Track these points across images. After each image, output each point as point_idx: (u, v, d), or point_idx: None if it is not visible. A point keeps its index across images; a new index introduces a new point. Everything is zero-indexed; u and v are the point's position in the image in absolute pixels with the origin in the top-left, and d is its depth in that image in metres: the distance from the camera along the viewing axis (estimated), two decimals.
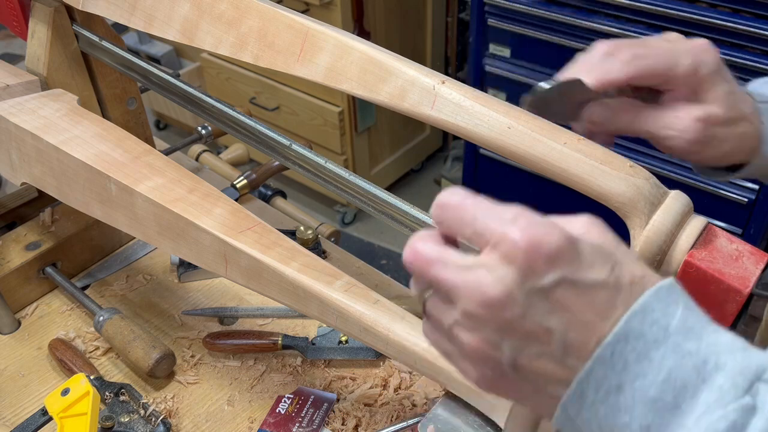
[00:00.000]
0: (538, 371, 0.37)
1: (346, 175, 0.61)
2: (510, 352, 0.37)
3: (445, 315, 0.39)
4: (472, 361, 0.38)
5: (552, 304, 0.36)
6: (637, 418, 0.35)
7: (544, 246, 0.35)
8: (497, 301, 0.35)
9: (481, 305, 0.36)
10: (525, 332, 0.36)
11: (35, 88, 0.81)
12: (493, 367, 0.38)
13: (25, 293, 0.89)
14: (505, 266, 0.35)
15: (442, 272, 0.38)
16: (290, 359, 0.83)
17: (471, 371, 0.39)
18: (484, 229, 0.37)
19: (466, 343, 0.38)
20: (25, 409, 0.77)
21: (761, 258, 0.47)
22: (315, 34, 0.59)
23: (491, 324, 0.36)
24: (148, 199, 0.64)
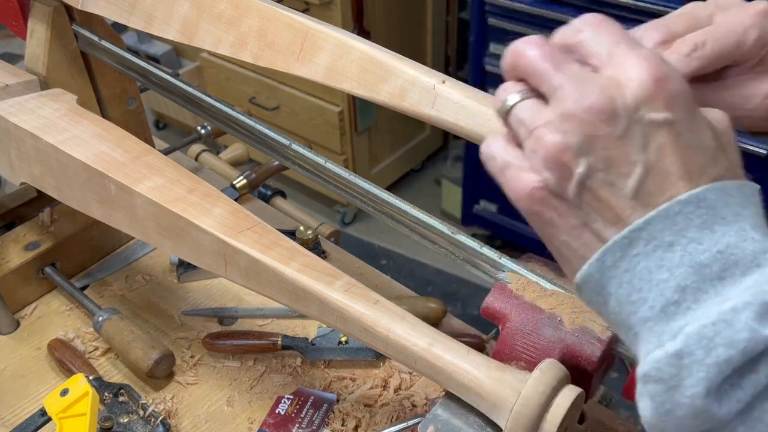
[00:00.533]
0: (599, 201, 0.36)
1: (346, 174, 0.61)
2: (585, 168, 0.35)
3: (534, 116, 0.37)
4: (540, 165, 0.37)
5: (649, 141, 0.35)
6: (676, 278, 0.34)
7: (671, 84, 0.35)
8: (604, 110, 0.35)
9: (586, 109, 0.35)
10: (610, 155, 0.35)
11: (34, 88, 0.80)
12: (559, 178, 0.36)
13: (24, 293, 0.89)
14: (621, 87, 0.35)
15: (555, 71, 0.37)
16: (290, 360, 0.83)
17: (530, 178, 0.37)
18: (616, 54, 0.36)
19: (548, 142, 0.36)
20: (24, 410, 0.77)
21: None
22: (315, 34, 0.58)
23: (585, 131, 0.35)
24: (147, 199, 0.64)
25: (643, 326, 0.36)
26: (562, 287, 0.53)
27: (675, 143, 0.35)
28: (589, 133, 0.35)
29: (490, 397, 0.49)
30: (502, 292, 0.54)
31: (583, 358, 0.50)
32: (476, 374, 0.50)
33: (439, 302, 0.85)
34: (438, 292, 2.12)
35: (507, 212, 2.11)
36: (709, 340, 0.33)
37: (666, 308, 0.35)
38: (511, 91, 0.39)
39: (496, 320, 0.54)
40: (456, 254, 0.58)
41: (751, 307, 0.32)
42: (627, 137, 0.35)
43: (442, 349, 0.52)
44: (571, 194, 0.36)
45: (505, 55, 0.39)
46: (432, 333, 0.53)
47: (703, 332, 0.33)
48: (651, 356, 0.35)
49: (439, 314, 0.85)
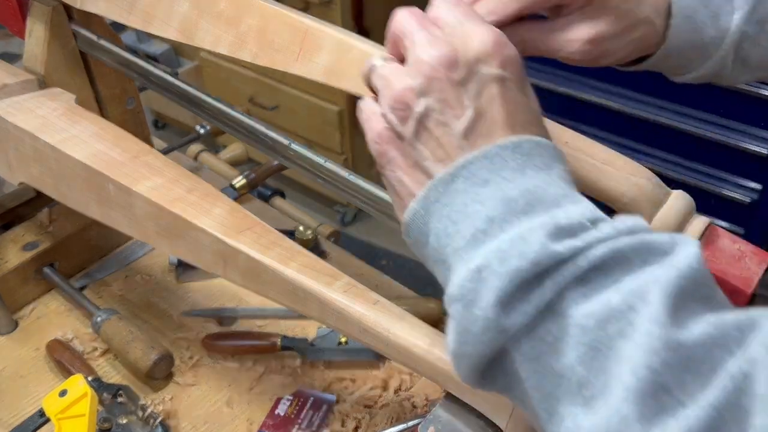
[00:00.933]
0: (433, 139, 0.40)
1: (346, 174, 0.61)
2: (424, 108, 0.40)
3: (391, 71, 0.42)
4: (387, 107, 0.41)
5: (482, 91, 0.40)
6: (487, 209, 0.37)
7: (507, 48, 0.41)
8: (447, 58, 0.40)
9: (432, 56, 0.40)
10: (446, 98, 0.40)
11: (33, 88, 0.80)
12: (400, 118, 0.41)
13: (22, 294, 0.89)
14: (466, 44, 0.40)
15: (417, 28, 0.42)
16: (289, 360, 0.82)
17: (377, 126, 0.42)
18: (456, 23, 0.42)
19: (395, 84, 0.41)
20: (23, 411, 0.77)
21: (764, 258, 0.46)
22: (314, 33, 0.58)
23: (427, 74, 0.40)
24: (146, 199, 0.64)
25: (454, 256, 0.38)
26: None
27: (504, 97, 0.40)
28: (430, 76, 0.40)
29: (490, 397, 0.49)
30: None
31: None
32: None
33: (439, 302, 0.85)
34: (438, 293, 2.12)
35: None
36: (504, 252, 0.36)
37: (475, 236, 0.37)
38: (377, 55, 0.45)
39: None
40: None
41: (544, 227, 0.36)
42: (463, 85, 0.40)
43: (443, 350, 0.51)
44: (409, 132, 0.41)
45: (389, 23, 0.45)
46: (432, 333, 0.53)
47: (501, 246, 0.36)
48: (455, 278, 0.37)
49: (439, 315, 0.84)
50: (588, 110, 1.72)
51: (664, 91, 1.62)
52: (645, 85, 1.63)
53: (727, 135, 1.56)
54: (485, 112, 0.39)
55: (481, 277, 0.36)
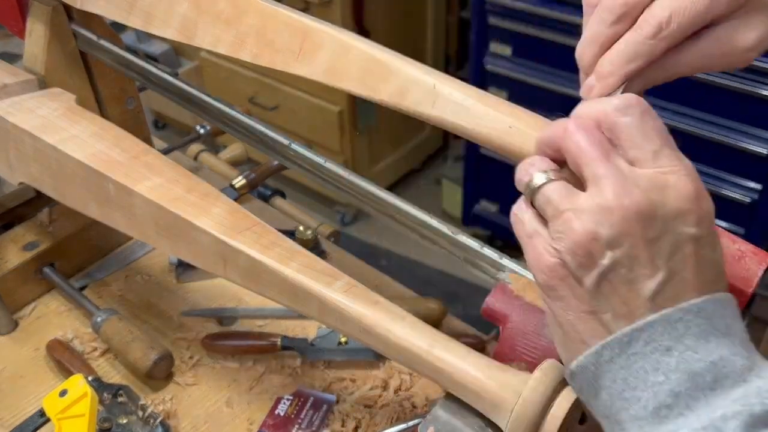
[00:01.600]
0: (615, 294, 0.37)
1: (346, 174, 0.61)
2: (610, 262, 0.37)
3: (563, 199, 0.38)
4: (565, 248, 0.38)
5: (674, 250, 0.37)
6: (671, 382, 0.36)
7: (705, 203, 0.38)
8: (643, 213, 0.36)
9: (625, 206, 0.36)
10: (637, 255, 0.36)
11: (33, 88, 0.80)
12: (581, 265, 0.37)
13: (22, 293, 0.89)
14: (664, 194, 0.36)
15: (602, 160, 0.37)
16: (289, 360, 0.82)
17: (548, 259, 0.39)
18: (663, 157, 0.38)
19: (578, 229, 0.37)
20: (23, 411, 0.77)
21: (764, 258, 0.46)
22: (314, 33, 0.58)
23: (619, 227, 0.36)
24: (146, 198, 0.64)
25: (632, 424, 0.37)
26: None
27: (697, 257, 0.37)
28: (622, 231, 0.36)
29: (490, 397, 0.49)
30: (502, 292, 0.54)
31: None
32: (477, 375, 0.49)
33: (439, 303, 0.85)
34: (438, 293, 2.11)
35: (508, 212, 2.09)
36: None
37: (658, 410, 0.36)
38: (538, 168, 0.40)
39: (497, 321, 0.54)
40: (456, 254, 0.57)
41: (740, 416, 0.34)
42: (656, 242, 0.37)
43: (443, 350, 0.51)
44: (590, 282, 0.37)
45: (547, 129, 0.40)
46: (432, 334, 0.53)
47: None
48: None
49: (439, 315, 0.84)
50: None
51: (664, 92, 1.62)
52: None
53: (727, 135, 1.56)
54: (677, 274, 0.37)
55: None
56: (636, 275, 0.37)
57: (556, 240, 0.38)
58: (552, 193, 0.39)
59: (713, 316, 0.37)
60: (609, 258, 0.37)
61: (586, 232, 0.37)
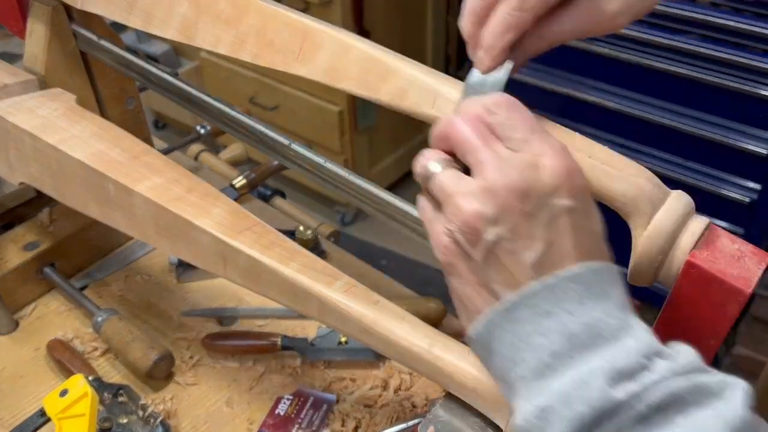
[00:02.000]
0: (501, 266, 0.41)
1: (345, 174, 0.61)
2: (494, 236, 0.41)
3: (454, 184, 0.42)
4: (456, 228, 0.42)
5: (552, 222, 0.41)
6: (551, 343, 0.40)
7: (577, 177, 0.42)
8: (520, 189, 0.40)
9: (505, 185, 0.40)
10: (517, 228, 0.40)
11: (33, 88, 0.80)
12: (469, 242, 0.41)
13: (23, 293, 0.89)
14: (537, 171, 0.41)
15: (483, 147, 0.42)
16: (290, 360, 0.82)
17: (444, 239, 0.43)
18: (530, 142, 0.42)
19: (466, 209, 0.41)
20: (24, 410, 0.77)
21: (763, 258, 0.46)
22: (314, 33, 0.58)
23: (500, 204, 0.40)
24: (146, 198, 0.64)
25: (519, 382, 0.41)
26: None
27: (573, 227, 0.41)
28: (503, 207, 0.40)
29: (490, 397, 0.49)
30: None
31: None
32: (477, 374, 0.50)
33: (439, 302, 0.85)
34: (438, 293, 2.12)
35: None
36: (568, 396, 0.38)
37: (540, 369, 0.40)
38: (432, 159, 0.45)
39: None
40: None
41: (603, 371, 0.38)
42: (534, 215, 0.41)
43: (443, 350, 0.51)
44: (478, 256, 0.42)
45: (438, 125, 0.45)
46: (432, 333, 0.53)
47: (564, 389, 0.38)
48: (522, 411, 0.40)
49: (439, 314, 0.85)
50: (588, 110, 1.72)
51: (664, 92, 1.62)
52: (644, 85, 1.63)
53: (727, 135, 1.56)
54: (555, 244, 0.41)
55: (547, 418, 0.39)
56: (518, 247, 0.41)
57: (449, 221, 0.42)
58: (443, 179, 0.43)
59: (590, 282, 0.40)
60: (493, 233, 0.40)
61: (471, 212, 0.41)
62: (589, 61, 1.67)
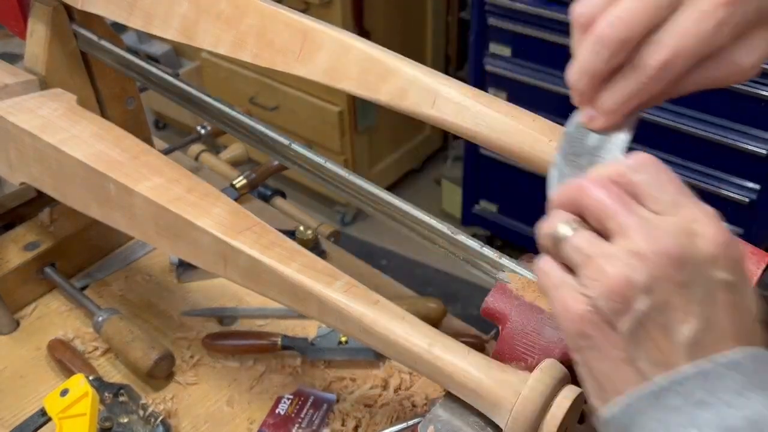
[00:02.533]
0: (650, 341, 0.36)
1: (346, 174, 0.61)
2: (645, 307, 0.36)
3: (594, 247, 0.38)
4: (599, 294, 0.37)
5: (710, 296, 0.36)
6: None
7: (736, 248, 0.37)
8: (674, 256, 0.36)
9: (657, 251, 0.36)
10: (671, 300, 0.36)
11: (34, 88, 0.80)
12: (616, 311, 0.37)
13: (23, 293, 0.89)
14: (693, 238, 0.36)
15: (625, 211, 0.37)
16: (290, 360, 0.83)
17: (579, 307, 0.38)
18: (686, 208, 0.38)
19: (613, 274, 0.36)
20: (24, 410, 0.77)
21: (762, 258, 0.46)
22: (315, 33, 0.58)
23: (652, 271, 0.36)
24: (146, 198, 0.64)
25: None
26: None
27: (732, 304, 0.37)
28: (656, 275, 0.36)
29: (490, 397, 0.49)
30: (502, 292, 0.54)
31: None
32: (476, 374, 0.50)
33: (439, 302, 0.85)
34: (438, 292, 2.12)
35: (507, 212, 2.11)
36: None
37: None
38: (562, 220, 0.40)
39: (496, 320, 0.54)
40: (456, 254, 0.58)
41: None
42: (690, 287, 0.36)
43: (442, 350, 0.52)
44: (625, 328, 0.37)
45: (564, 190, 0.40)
46: (432, 333, 0.53)
47: None
48: None
49: (439, 314, 0.85)
50: None
51: None
52: None
53: (726, 135, 1.56)
54: (711, 321, 0.36)
55: None
56: (671, 321, 0.36)
57: (588, 287, 0.38)
58: (580, 241, 0.39)
59: (750, 370, 0.36)
60: (644, 303, 0.36)
61: (620, 276, 0.36)
62: None
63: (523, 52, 1.81)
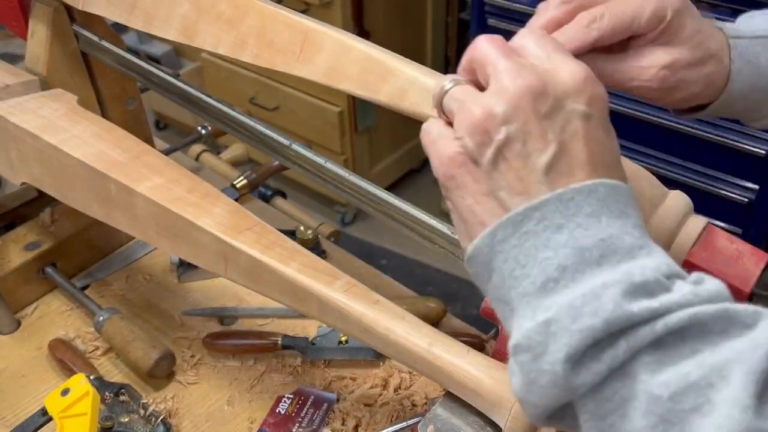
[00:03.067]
0: (511, 170, 0.38)
1: (346, 174, 0.61)
2: (505, 136, 0.38)
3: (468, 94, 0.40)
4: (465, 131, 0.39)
5: (567, 126, 0.38)
6: (559, 257, 0.36)
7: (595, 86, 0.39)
8: (535, 89, 0.38)
9: (519, 85, 0.38)
10: (530, 129, 0.38)
11: (35, 88, 0.80)
12: (479, 144, 0.39)
13: (24, 293, 0.89)
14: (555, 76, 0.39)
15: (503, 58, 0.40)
16: (290, 359, 0.83)
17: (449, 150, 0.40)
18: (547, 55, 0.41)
19: (476, 110, 0.39)
20: (25, 409, 0.77)
21: (761, 258, 0.47)
22: (315, 34, 0.58)
23: (511, 103, 0.38)
24: (147, 198, 0.64)
25: (521, 301, 0.37)
26: None
27: (588, 135, 0.38)
28: (515, 106, 0.38)
29: (489, 396, 0.49)
30: None
31: None
32: (476, 374, 0.50)
33: (439, 302, 0.85)
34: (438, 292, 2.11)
35: None
36: (576, 309, 0.35)
37: (545, 284, 0.36)
38: (447, 78, 0.43)
39: (496, 320, 0.54)
40: (456, 254, 0.58)
41: (619, 285, 0.35)
42: (549, 118, 0.38)
43: (442, 349, 0.52)
44: (487, 160, 0.39)
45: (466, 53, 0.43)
46: (432, 333, 0.53)
47: (573, 302, 0.35)
48: (523, 327, 0.37)
49: (439, 314, 0.85)
50: None
51: None
52: None
53: (725, 136, 1.56)
54: (568, 149, 0.38)
55: (551, 332, 0.35)
56: (529, 149, 0.38)
57: (458, 128, 0.40)
58: (457, 89, 0.41)
59: (606, 198, 0.37)
60: (503, 132, 0.38)
61: (482, 111, 0.38)
62: None
63: None
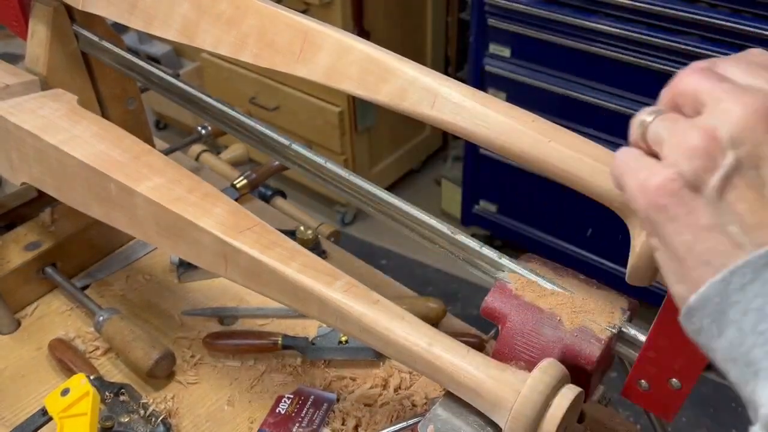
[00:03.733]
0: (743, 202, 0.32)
1: (346, 174, 0.61)
2: (734, 160, 0.32)
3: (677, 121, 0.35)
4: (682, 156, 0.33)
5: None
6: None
7: None
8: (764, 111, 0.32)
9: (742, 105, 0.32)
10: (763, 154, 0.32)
11: (35, 88, 0.80)
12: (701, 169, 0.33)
13: (24, 293, 0.89)
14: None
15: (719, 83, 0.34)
16: (290, 359, 0.83)
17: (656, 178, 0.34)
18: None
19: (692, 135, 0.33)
20: (25, 409, 0.77)
21: None
22: (315, 34, 0.59)
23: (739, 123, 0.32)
24: (147, 198, 0.64)
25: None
26: (561, 287, 0.54)
27: None
28: (744, 126, 0.32)
29: (489, 396, 0.49)
30: (501, 291, 0.54)
31: (582, 358, 0.50)
32: (476, 374, 0.50)
33: (439, 302, 0.85)
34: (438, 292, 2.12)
35: (507, 212, 2.11)
36: None
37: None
38: (646, 111, 0.37)
39: (496, 320, 0.54)
40: (456, 254, 0.58)
41: None
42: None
43: (442, 349, 0.52)
44: (712, 187, 0.33)
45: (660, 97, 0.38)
46: (432, 333, 0.53)
47: None
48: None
49: (439, 314, 0.85)
50: (586, 110, 1.72)
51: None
52: (642, 86, 1.63)
53: None
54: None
55: None
56: (765, 176, 0.32)
57: (668, 156, 0.34)
58: (664, 118, 0.36)
59: None
60: (731, 156, 0.32)
61: (703, 133, 0.33)
62: (589, 63, 1.68)
63: (522, 53, 1.81)
